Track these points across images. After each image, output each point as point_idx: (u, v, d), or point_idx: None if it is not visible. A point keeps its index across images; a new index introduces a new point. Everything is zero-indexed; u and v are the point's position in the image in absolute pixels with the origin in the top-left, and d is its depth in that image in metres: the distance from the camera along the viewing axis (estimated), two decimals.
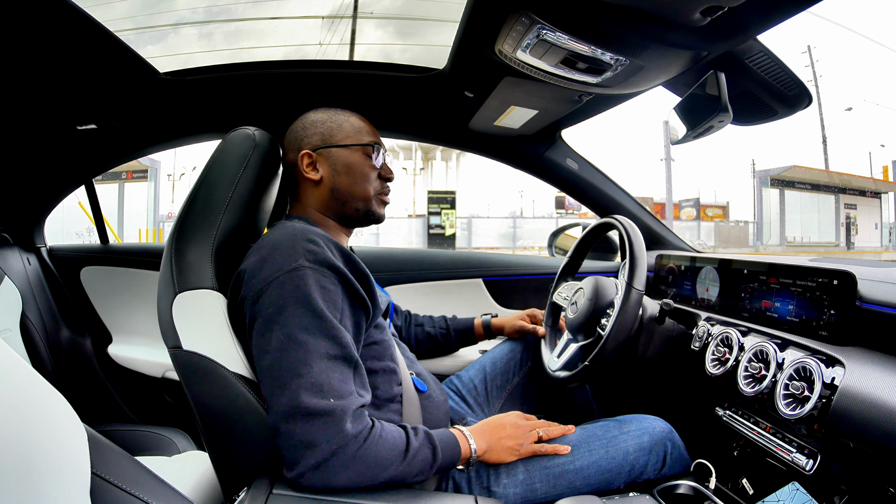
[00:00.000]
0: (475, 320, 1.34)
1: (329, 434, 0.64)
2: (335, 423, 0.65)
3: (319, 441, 0.64)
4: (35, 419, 0.40)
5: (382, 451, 0.68)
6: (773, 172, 19.29)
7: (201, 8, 1.24)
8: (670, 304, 1.07)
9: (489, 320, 1.34)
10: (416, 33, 1.27)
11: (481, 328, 1.33)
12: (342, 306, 0.74)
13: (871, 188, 21.19)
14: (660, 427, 0.99)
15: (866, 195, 21.21)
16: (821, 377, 0.78)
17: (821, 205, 20.73)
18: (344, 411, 0.66)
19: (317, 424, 0.65)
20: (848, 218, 20.43)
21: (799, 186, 20.14)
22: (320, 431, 0.64)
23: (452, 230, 14.87)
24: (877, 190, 21.40)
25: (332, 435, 0.64)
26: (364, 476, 0.67)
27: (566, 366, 1.12)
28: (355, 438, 0.66)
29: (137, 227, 14.82)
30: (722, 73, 0.96)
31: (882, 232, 21.35)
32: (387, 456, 0.69)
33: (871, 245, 20.39)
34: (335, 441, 0.64)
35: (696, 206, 20.43)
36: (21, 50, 1.00)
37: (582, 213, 18.61)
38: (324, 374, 0.67)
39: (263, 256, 0.75)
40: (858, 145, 28.55)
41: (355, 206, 0.93)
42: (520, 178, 35.48)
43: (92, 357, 1.69)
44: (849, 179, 20.80)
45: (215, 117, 1.47)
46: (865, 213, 21.18)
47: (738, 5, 0.71)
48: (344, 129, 0.93)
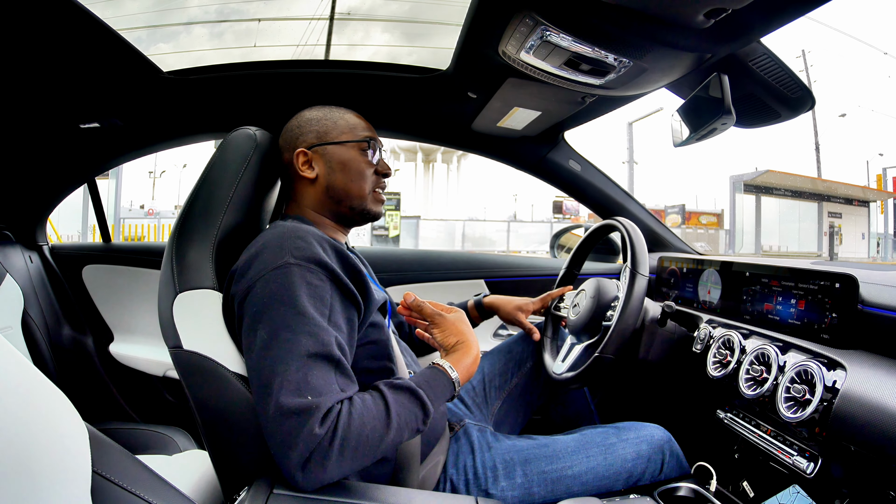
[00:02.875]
0: (468, 303, 1.32)
1: (304, 433, 0.63)
2: (309, 422, 0.63)
3: (297, 441, 0.62)
4: (36, 417, 0.40)
5: (359, 431, 0.65)
6: (746, 177, 18.31)
7: (212, 7, 1.24)
8: (672, 307, 1.07)
9: (480, 300, 1.31)
10: (422, 35, 1.27)
11: (475, 310, 1.31)
12: (331, 302, 0.74)
13: (859, 196, 20.32)
14: (658, 435, 0.99)
15: (853, 203, 20.27)
16: (822, 380, 0.78)
17: (803, 213, 19.86)
18: (319, 408, 0.64)
19: (294, 422, 0.63)
20: (832, 227, 19.53)
21: (777, 193, 19.19)
22: (297, 430, 0.63)
23: (396, 231, 14.71)
24: (865, 198, 20.49)
25: (307, 434, 0.62)
26: (355, 460, 0.65)
27: (572, 367, 1.12)
28: (326, 435, 0.63)
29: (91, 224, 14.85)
30: (725, 76, 0.96)
31: (869, 242, 20.38)
32: (368, 432, 0.66)
33: (856, 256, 19.40)
34: (310, 440, 0.62)
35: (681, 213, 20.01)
36: (24, 48, 1.00)
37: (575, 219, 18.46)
38: (301, 372, 0.66)
39: (252, 255, 0.75)
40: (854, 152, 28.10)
41: (350, 205, 0.92)
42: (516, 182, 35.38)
43: (93, 355, 1.69)
44: (834, 187, 19.86)
45: (217, 117, 1.47)
46: (851, 222, 20.19)
47: (742, 8, 0.71)
48: (339, 126, 0.93)
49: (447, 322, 0.85)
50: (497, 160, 1.69)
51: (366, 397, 0.69)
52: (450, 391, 0.75)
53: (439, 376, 0.75)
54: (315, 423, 0.63)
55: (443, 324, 0.85)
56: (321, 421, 0.64)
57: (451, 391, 0.76)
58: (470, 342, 0.83)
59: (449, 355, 0.81)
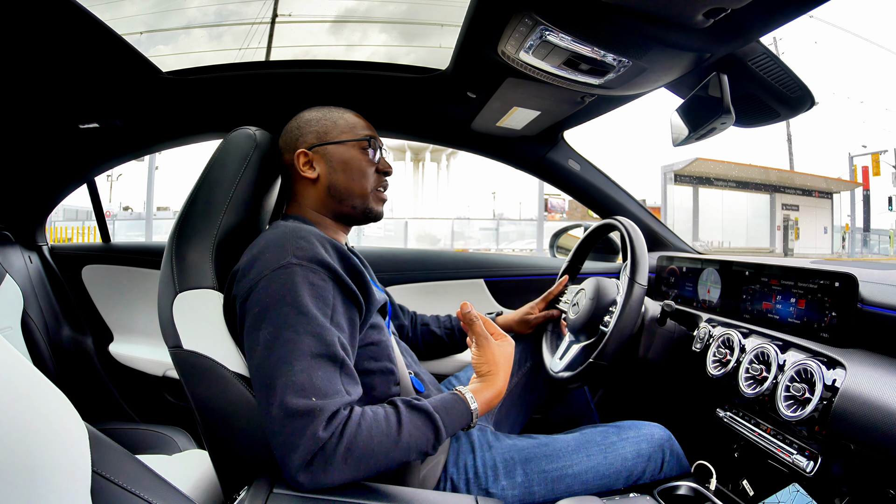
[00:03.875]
0: None
1: (307, 435, 0.63)
2: (313, 424, 0.63)
3: (300, 442, 0.63)
4: (36, 418, 0.40)
5: (366, 441, 0.65)
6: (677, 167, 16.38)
7: (211, 9, 1.24)
8: (672, 306, 1.07)
9: (493, 319, 1.32)
10: (420, 35, 1.27)
11: None
12: (333, 302, 0.74)
13: (821, 187, 18.41)
14: (658, 434, 0.99)
15: (813, 195, 18.44)
16: (822, 379, 0.78)
17: (752, 205, 17.95)
18: (323, 411, 0.64)
19: (298, 424, 0.63)
20: (786, 220, 17.77)
21: (719, 184, 17.33)
22: (299, 432, 0.63)
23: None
24: (828, 189, 18.59)
25: (309, 437, 0.63)
26: (356, 469, 0.65)
27: (569, 366, 1.12)
28: (330, 439, 0.64)
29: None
30: (724, 75, 0.96)
31: (833, 236, 18.61)
32: (374, 444, 0.66)
33: (817, 251, 17.72)
34: (312, 443, 0.63)
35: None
36: (23, 48, 1.00)
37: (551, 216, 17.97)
38: (306, 373, 0.66)
39: (254, 255, 0.75)
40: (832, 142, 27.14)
41: (353, 204, 0.92)
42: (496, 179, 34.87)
43: (93, 355, 1.69)
44: (789, 177, 18.00)
45: (217, 117, 1.47)
46: (811, 215, 18.25)
47: (741, 7, 0.71)
48: (339, 126, 0.93)
49: (488, 348, 0.82)
50: (497, 160, 1.69)
51: (379, 410, 0.69)
52: (466, 421, 0.74)
53: (459, 404, 0.74)
54: (319, 426, 0.63)
55: (484, 348, 0.82)
56: (325, 424, 0.64)
57: (467, 421, 0.74)
58: (499, 376, 0.80)
59: (474, 383, 0.80)
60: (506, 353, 0.82)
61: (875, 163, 17.45)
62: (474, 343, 0.83)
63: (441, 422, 0.71)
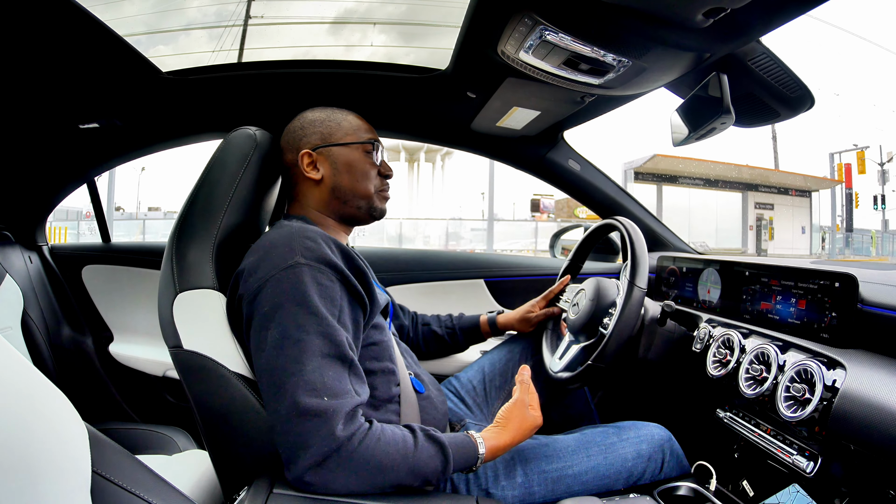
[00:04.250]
0: (480, 318, 1.33)
1: (321, 435, 0.63)
2: (327, 424, 0.64)
3: (312, 442, 0.63)
4: (36, 417, 0.40)
5: (381, 455, 0.66)
6: (636, 164, 15.87)
7: (211, 9, 1.24)
8: (672, 306, 1.07)
9: (495, 318, 1.32)
10: (420, 35, 1.27)
11: (487, 325, 1.32)
12: (340, 303, 0.74)
13: (799, 186, 17.72)
14: (659, 434, 0.99)
15: (789, 194, 17.79)
16: (822, 379, 0.78)
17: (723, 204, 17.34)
18: (337, 411, 0.65)
19: (310, 424, 0.64)
20: (760, 220, 17.14)
21: (685, 182, 16.68)
22: (313, 432, 0.63)
23: None
24: (805, 188, 17.91)
25: (325, 436, 0.63)
26: (364, 480, 0.65)
27: (568, 367, 1.12)
28: (349, 440, 0.64)
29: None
30: (724, 75, 0.96)
31: (812, 236, 17.93)
32: (387, 460, 0.67)
33: (794, 251, 17.13)
34: (327, 443, 0.63)
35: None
36: (24, 49, 1.00)
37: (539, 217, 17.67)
38: (318, 373, 0.66)
39: (261, 255, 0.75)
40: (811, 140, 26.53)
41: (357, 205, 0.93)
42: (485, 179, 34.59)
43: (93, 355, 1.69)
44: (764, 175, 17.19)
45: (217, 117, 1.47)
46: (787, 214, 17.65)
47: (741, 7, 0.71)
48: (343, 128, 0.93)
49: (521, 409, 0.84)
50: (497, 160, 1.69)
51: (397, 431, 0.71)
52: (472, 463, 0.75)
53: (469, 447, 0.75)
54: (336, 425, 0.64)
55: (518, 406, 0.84)
56: (343, 424, 0.65)
57: (472, 463, 0.75)
58: (513, 434, 0.81)
59: (489, 431, 0.81)
60: (529, 423, 0.84)
61: (860, 160, 16.88)
62: (515, 392, 0.86)
63: (452, 456, 0.72)
